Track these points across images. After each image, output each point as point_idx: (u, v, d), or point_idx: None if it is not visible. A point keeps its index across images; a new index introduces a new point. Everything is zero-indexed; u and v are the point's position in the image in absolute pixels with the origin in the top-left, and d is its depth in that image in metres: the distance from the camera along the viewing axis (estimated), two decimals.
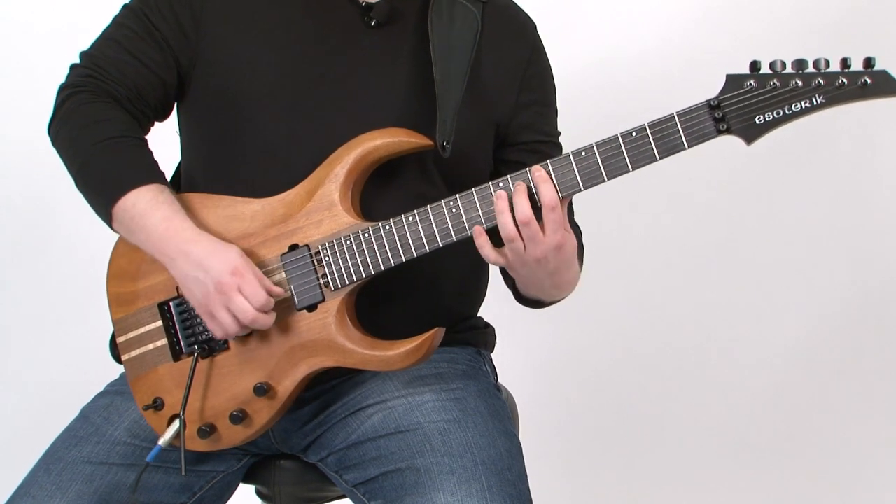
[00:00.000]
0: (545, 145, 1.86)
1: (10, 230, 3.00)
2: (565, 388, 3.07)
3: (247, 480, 1.85)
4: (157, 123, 1.84)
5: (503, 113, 1.81)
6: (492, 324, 1.96)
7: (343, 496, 1.84)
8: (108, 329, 1.79)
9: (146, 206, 1.64)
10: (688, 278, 2.99)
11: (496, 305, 1.96)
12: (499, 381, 1.91)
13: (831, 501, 2.98)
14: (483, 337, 1.91)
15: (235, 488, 1.85)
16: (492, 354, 1.94)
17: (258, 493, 1.89)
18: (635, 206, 2.84)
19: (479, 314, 1.94)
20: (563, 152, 1.83)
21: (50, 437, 1.77)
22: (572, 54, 2.64)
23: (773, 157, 2.87)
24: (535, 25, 1.90)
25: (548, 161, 1.53)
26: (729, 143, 2.64)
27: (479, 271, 1.89)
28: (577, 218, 1.84)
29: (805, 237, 2.94)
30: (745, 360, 3.01)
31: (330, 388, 1.74)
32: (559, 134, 1.90)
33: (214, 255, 1.60)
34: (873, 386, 2.98)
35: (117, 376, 1.85)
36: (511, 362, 1.97)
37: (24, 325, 3.09)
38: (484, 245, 1.57)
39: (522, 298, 1.79)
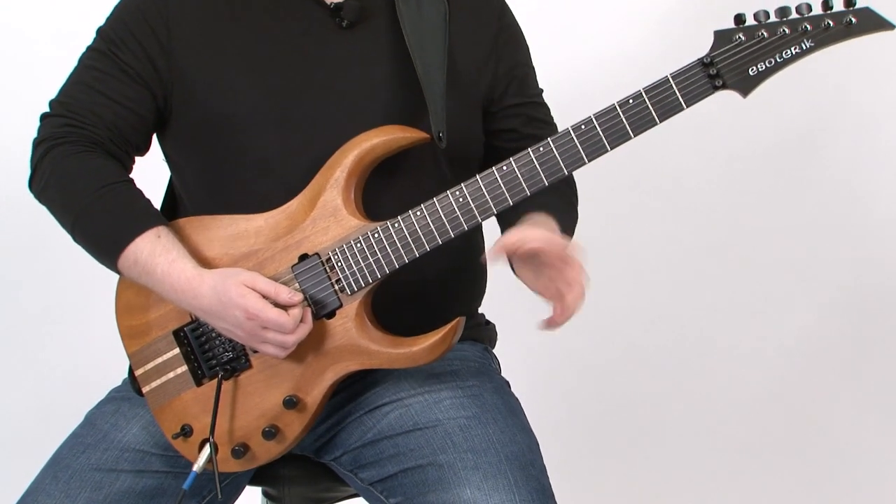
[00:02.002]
0: (527, 107, 1.86)
1: (12, 232, 2.97)
2: (564, 387, 3.07)
3: (254, 482, 1.85)
4: (137, 159, 1.82)
5: (485, 86, 1.81)
6: (491, 321, 1.97)
7: (353, 496, 1.85)
8: (112, 333, 1.76)
9: (146, 262, 1.64)
10: (688, 277, 2.99)
11: (495, 304, 1.97)
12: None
13: (832, 501, 2.99)
14: (487, 334, 1.92)
15: (242, 489, 1.85)
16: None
17: (266, 494, 1.89)
18: (636, 205, 2.86)
19: (480, 311, 1.95)
20: (555, 129, 1.86)
21: (53, 442, 1.76)
22: (573, 57, 2.66)
23: (774, 156, 2.88)
24: None
25: (548, 139, 1.54)
26: (731, 145, 2.66)
27: (478, 263, 1.90)
28: (580, 211, 1.86)
29: (805, 236, 2.95)
30: (745, 358, 3.02)
31: (343, 388, 1.74)
32: (541, 91, 1.91)
33: (223, 307, 1.59)
34: (875, 386, 2.99)
35: (120, 382, 1.84)
36: (510, 360, 1.98)
37: (25, 328, 3.05)
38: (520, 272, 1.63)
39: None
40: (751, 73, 1.48)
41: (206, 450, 1.65)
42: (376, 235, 1.61)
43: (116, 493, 1.67)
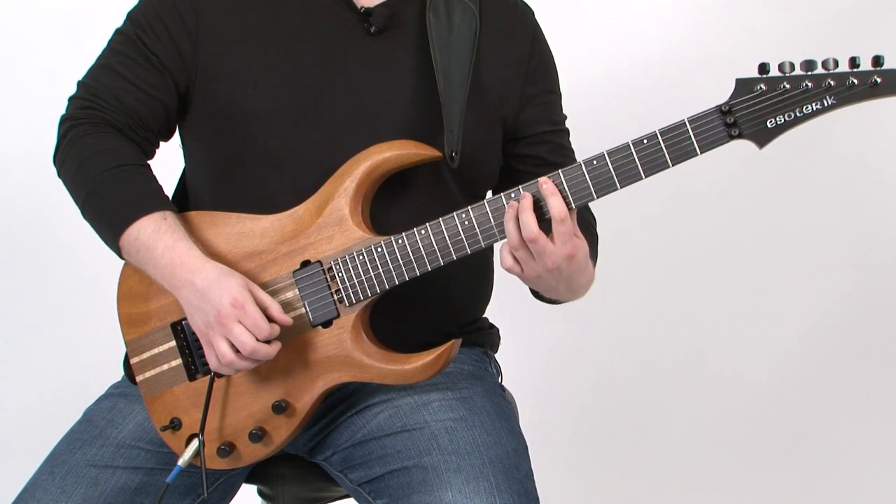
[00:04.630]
0: (554, 134, 1.86)
1: (12, 231, 2.98)
2: (567, 389, 3.07)
3: (249, 480, 1.85)
4: (162, 143, 1.83)
5: (509, 109, 1.80)
6: (495, 325, 1.96)
7: (346, 496, 1.84)
8: (111, 330, 1.77)
9: (149, 237, 1.63)
10: (689, 279, 2.99)
11: (500, 306, 1.96)
12: (503, 381, 1.91)
13: (832, 501, 2.99)
14: (488, 337, 1.92)
15: (238, 488, 1.85)
16: (496, 355, 1.94)
17: (260, 493, 1.89)
18: (637, 207, 2.84)
19: (484, 315, 1.94)
20: (575, 157, 1.84)
21: (52, 438, 1.77)
22: (577, 61, 2.63)
23: (774, 157, 2.82)
24: (532, 12, 1.88)
25: (559, 171, 1.53)
26: (733, 145, 2.63)
27: (486, 273, 1.89)
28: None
29: (806, 237, 2.94)
30: (746, 360, 3.01)
31: (336, 388, 1.73)
32: (565, 118, 1.90)
33: (216, 286, 1.59)
34: (874, 386, 2.99)
35: (119, 378, 1.85)
36: (513, 363, 1.98)
37: (25, 326, 3.07)
38: (504, 250, 1.57)
39: (539, 296, 1.78)
40: (768, 125, 1.46)
41: (193, 445, 1.66)
42: (379, 250, 1.60)
43: (112, 489, 1.68)
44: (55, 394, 2.88)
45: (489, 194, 1.83)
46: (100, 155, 1.70)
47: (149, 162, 1.77)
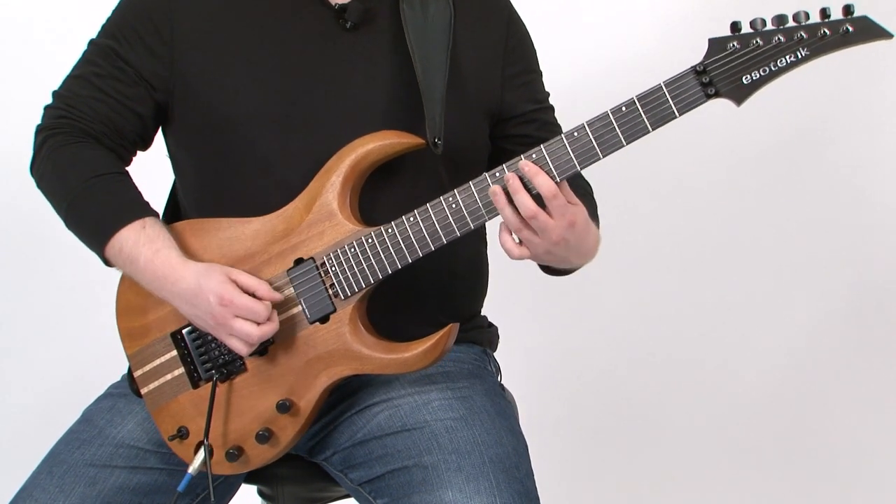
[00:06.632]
0: (540, 112, 1.87)
1: (12, 231, 3.00)
2: (567, 389, 3.06)
3: (249, 481, 1.85)
4: (140, 152, 1.83)
5: (491, 92, 1.81)
6: (494, 323, 1.97)
7: (346, 496, 1.85)
8: (111, 330, 1.78)
9: (130, 250, 1.65)
10: (688, 278, 2.99)
11: (499, 306, 1.96)
12: (502, 380, 1.91)
13: (832, 501, 2.98)
14: (488, 336, 1.92)
15: (237, 489, 1.85)
16: (494, 354, 1.94)
17: (260, 493, 1.90)
18: (635, 207, 2.84)
19: (483, 313, 1.94)
20: (562, 132, 1.84)
21: (51, 438, 1.77)
22: (577, 61, 2.64)
23: (774, 157, 2.86)
24: None
25: (541, 146, 1.53)
26: (729, 146, 2.64)
27: (481, 265, 1.90)
28: None
29: (806, 237, 2.93)
30: (745, 360, 3.00)
31: (336, 388, 1.73)
32: (548, 95, 1.91)
33: (199, 291, 1.60)
34: (874, 386, 2.97)
35: (119, 378, 1.85)
36: (513, 362, 1.98)
37: (24, 325, 3.08)
38: (507, 241, 1.57)
39: (549, 269, 1.79)
40: (744, 81, 1.46)
41: (202, 452, 1.66)
42: (370, 241, 1.61)
43: (111, 488, 1.69)
44: (55, 394, 2.89)
45: None
46: (77, 166, 1.71)
47: (131, 168, 1.78)
